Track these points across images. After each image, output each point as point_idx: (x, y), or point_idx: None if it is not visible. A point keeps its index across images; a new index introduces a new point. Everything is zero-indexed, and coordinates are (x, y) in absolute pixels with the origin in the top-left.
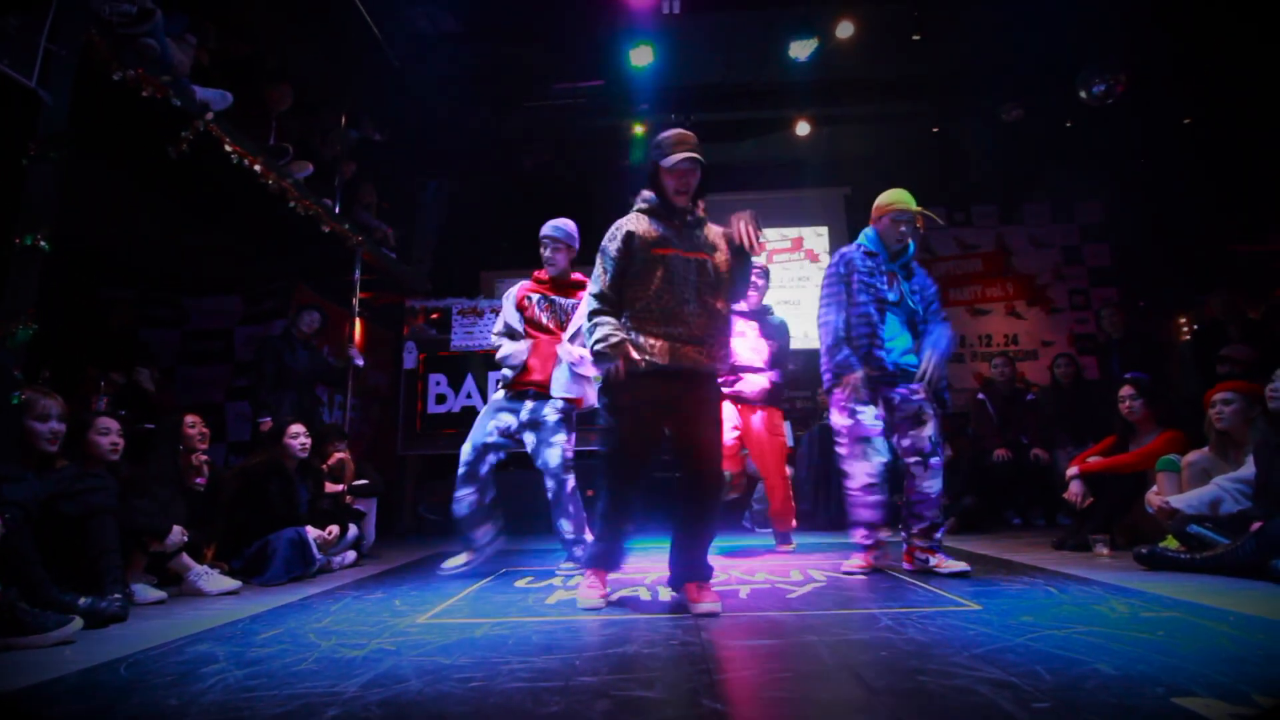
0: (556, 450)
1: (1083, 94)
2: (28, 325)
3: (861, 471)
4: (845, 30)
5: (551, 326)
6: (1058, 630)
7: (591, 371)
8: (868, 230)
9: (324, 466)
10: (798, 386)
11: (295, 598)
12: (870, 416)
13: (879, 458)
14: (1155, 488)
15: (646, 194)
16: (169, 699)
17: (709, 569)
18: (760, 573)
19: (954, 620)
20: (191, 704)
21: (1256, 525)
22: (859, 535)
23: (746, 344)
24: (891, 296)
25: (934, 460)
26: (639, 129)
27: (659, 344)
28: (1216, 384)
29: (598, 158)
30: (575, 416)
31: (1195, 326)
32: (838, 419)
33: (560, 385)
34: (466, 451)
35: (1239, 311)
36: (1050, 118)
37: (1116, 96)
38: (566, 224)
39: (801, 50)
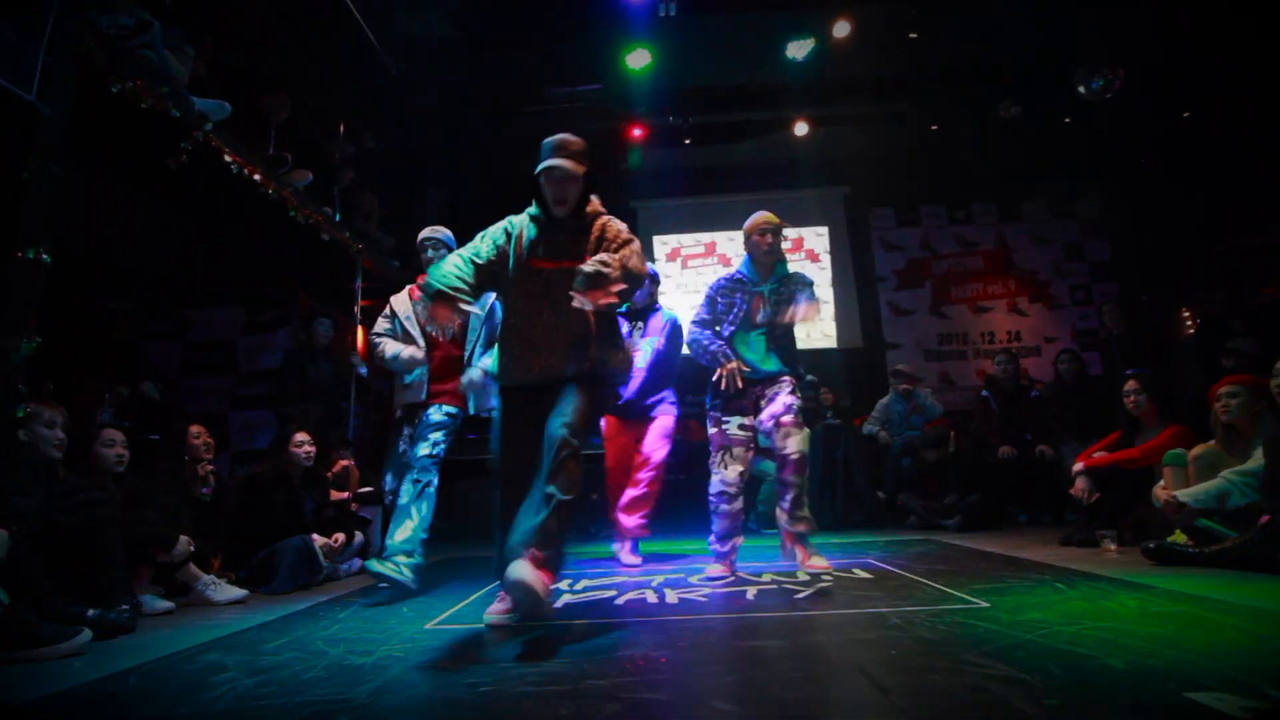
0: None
1: (1080, 89)
2: (31, 338)
3: (718, 479)
4: (842, 30)
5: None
6: (1067, 627)
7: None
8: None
9: (328, 474)
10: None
11: (303, 606)
12: (735, 426)
13: (737, 467)
14: (1162, 482)
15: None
16: (180, 708)
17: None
18: (767, 574)
19: (962, 618)
20: (202, 713)
21: (1265, 518)
22: (711, 541)
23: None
24: (759, 318)
25: (785, 418)
26: (638, 132)
27: None
28: (1222, 377)
29: (596, 162)
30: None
31: (1198, 321)
32: (710, 427)
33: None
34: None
35: (1241, 305)
36: (1048, 114)
37: (1114, 91)
38: (443, 229)
39: (799, 50)
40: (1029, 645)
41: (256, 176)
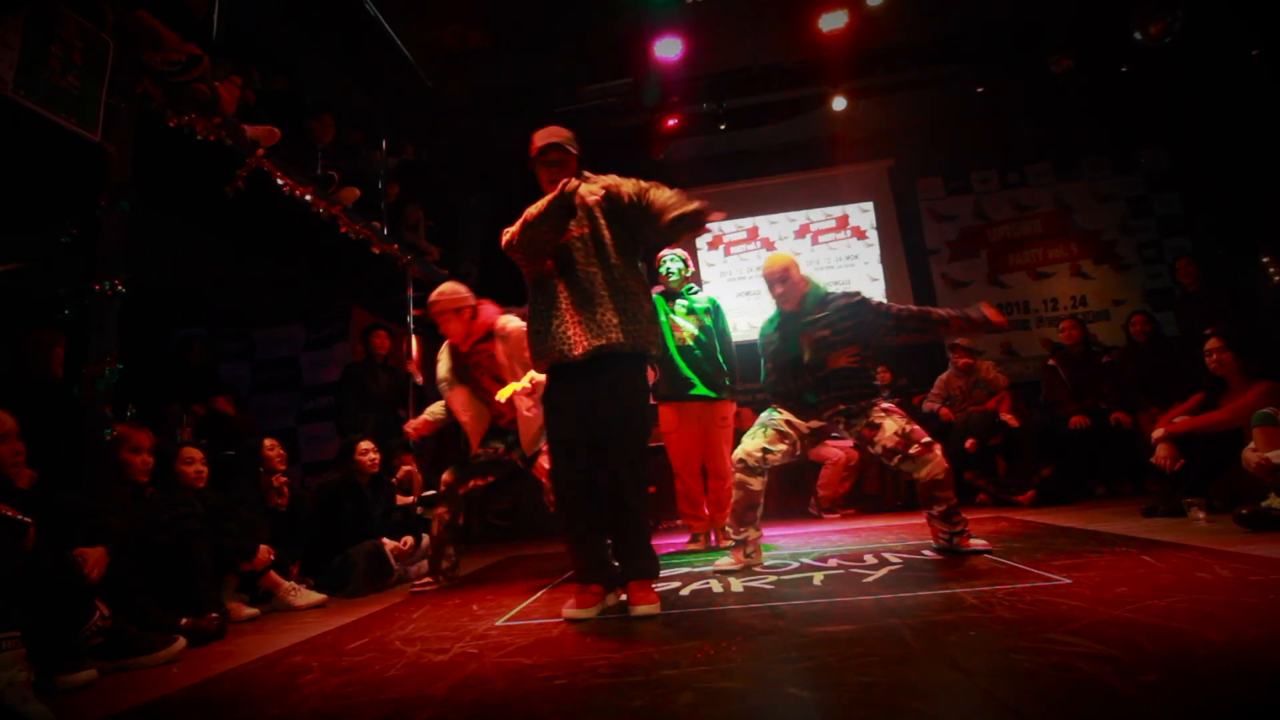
0: None
1: (1137, 34)
2: (114, 367)
3: (739, 448)
4: None
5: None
6: (1158, 600)
7: None
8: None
9: (393, 480)
10: None
11: (378, 607)
12: (782, 421)
13: (761, 441)
14: (1252, 444)
15: None
16: (271, 709)
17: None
18: (833, 558)
19: (1043, 596)
20: (292, 712)
21: None
22: (727, 523)
23: None
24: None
25: (912, 450)
26: (671, 122)
27: None
28: None
29: (630, 156)
30: None
31: None
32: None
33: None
34: None
35: None
36: (1103, 64)
37: (1175, 34)
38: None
39: (831, 23)
40: (1117, 621)
41: (307, 197)
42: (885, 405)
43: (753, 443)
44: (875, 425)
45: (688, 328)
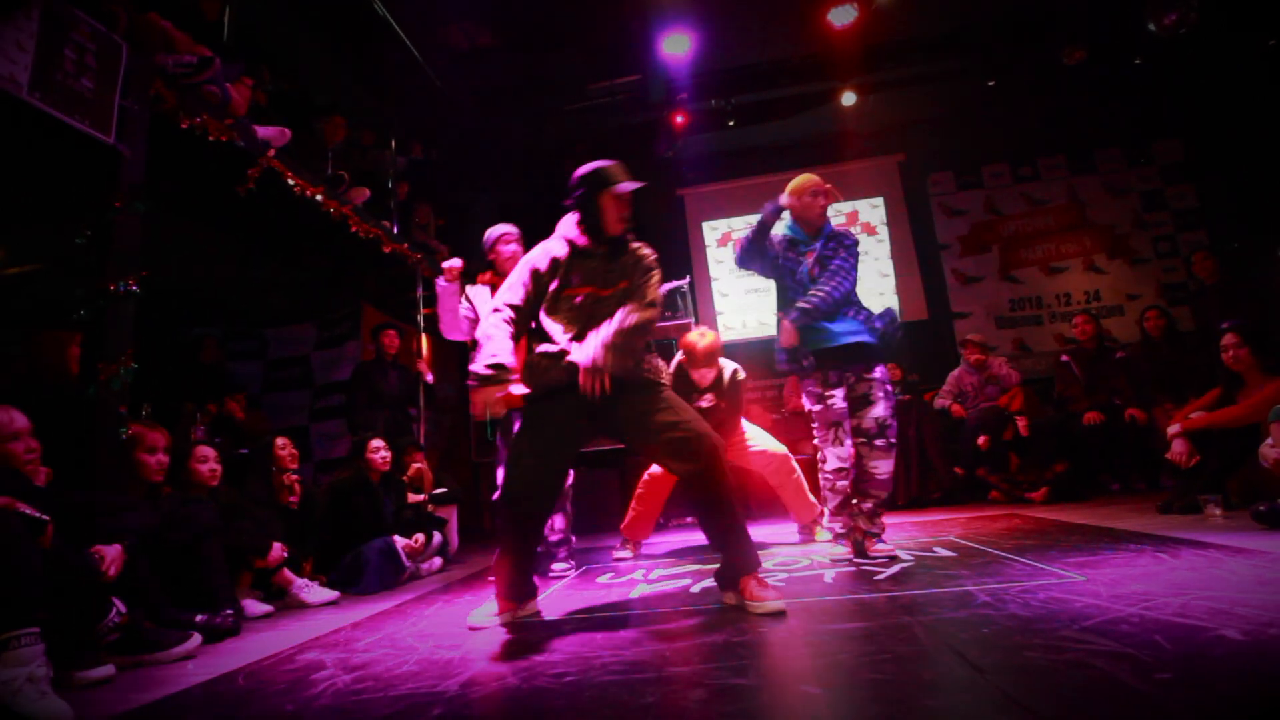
0: None
1: (1151, 25)
2: (128, 366)
3: (833, 455)
4: None
5: None
6: (1173, 598)
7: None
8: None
9: (404, 478)
10: None
11: (391, 604)
12: (840, 399)
13: (849, 440)
14: (1270, 440)
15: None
16: (285, 704)
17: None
18: (843, 556)
19: (1057, 593)
20: (306, 708)
21: None
22: (837, 524)
23: None
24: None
25: (878, 441)
26: (680, 119)
27: None
28: None
29: (639, 153)
30: None
31: None
32: (809, 404)
33: None
34: None
35: None
36: (1116, 55)
37: (1190, 24)
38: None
39: (840, 17)
40: (1132, 619)
41: (318, 197)
42: (888, 386)
43: (843, 448)
44: (871, 400)
45: None
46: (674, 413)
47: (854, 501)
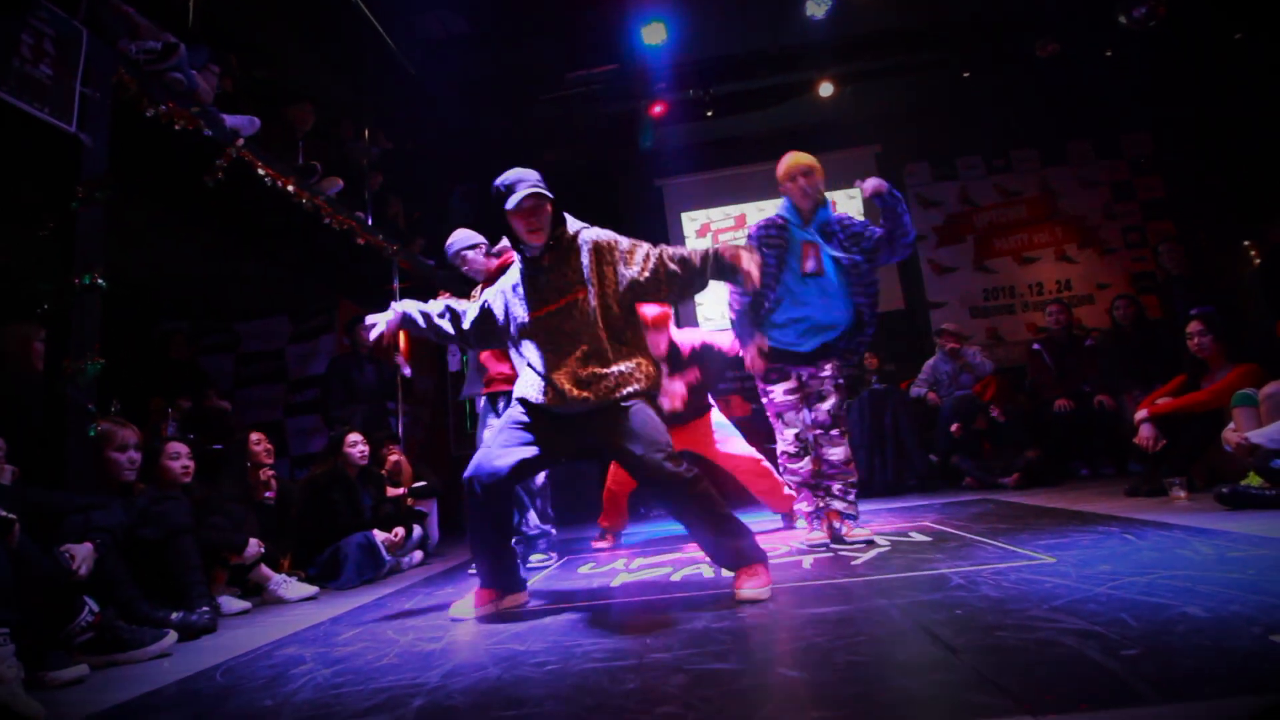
0: None
1: (1122, 19)
2: (95, 360)
3: (780, 443)
4: None
5: None
6: (1139, 577)
7: None
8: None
9: (383, 472)
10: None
11: (370, 598)
12: (780, 393)
13: (793, 429)
14: (1232, 424)
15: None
16: (264, 700)
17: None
18: (820, 542)
19: (1028, 574)
20: (285, 703)
21: None
22: (803, 502)
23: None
24: (809, 266)
25: (833, 431)
26: (657, 109)
27: None
28: None
29: (617, 144)
30: None
31: (1262, 253)
32: (762, 398)
33: None
34: None
35: None
36: (1088, 49)
37: (1159, 18)
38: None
39: (818, 8)
40: (1100, 598)
41: (290, 188)
42: (839, 380)
43: (786, 433)
44: (824, 396)
45: None
46: (637, 442)
47: (823, 485)
